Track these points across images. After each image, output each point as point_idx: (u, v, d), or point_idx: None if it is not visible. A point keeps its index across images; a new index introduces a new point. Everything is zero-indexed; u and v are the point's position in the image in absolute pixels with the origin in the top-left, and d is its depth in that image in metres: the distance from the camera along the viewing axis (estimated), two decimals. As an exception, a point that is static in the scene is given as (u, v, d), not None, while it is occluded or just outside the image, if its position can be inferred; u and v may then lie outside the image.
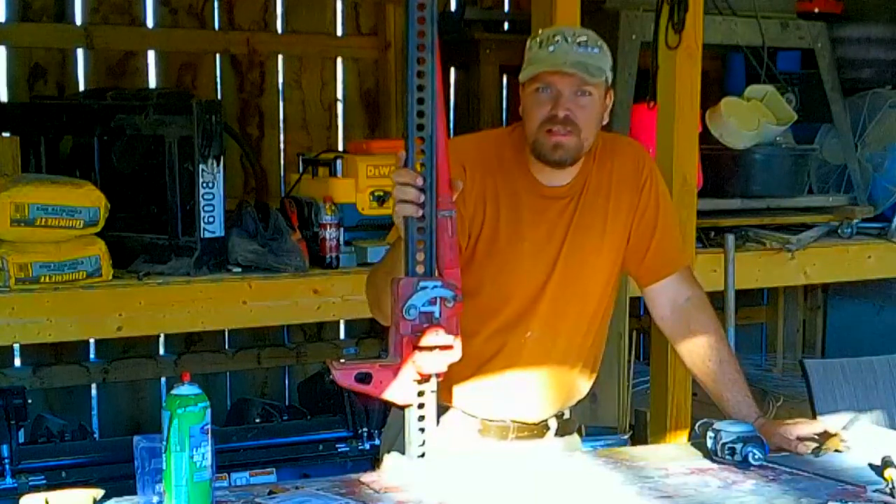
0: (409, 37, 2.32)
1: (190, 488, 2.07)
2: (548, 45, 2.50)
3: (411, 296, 2.29)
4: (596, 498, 2.31)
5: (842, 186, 5.27)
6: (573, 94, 2.48)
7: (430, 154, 2.29)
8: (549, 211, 2.59)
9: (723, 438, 2.47)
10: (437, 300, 2.30)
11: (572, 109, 2.48)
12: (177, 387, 2.09)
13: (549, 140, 2.49)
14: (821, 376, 3.59)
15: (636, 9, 4.60)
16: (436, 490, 2.29)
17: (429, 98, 2.31)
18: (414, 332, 2.30)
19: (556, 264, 2.59)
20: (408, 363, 2.30)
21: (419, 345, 2.30)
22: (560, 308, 2.61)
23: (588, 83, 2.48)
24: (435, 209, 2.30)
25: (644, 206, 2.67)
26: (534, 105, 2.51)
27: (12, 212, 3.73)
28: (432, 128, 2.30)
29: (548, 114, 2.49)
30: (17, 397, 3.79)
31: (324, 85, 5.69)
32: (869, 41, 5.41)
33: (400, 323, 2.30)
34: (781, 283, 5.49)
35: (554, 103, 2.48)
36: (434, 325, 2.30)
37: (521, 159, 2.58)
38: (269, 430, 4.28)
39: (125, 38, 5.22)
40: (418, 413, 2.34)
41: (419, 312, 2.29)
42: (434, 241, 2.31)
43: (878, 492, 2.30)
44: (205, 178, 3.99)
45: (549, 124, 2.48)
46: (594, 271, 2.65)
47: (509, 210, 2.57)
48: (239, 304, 4.01)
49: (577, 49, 2.49)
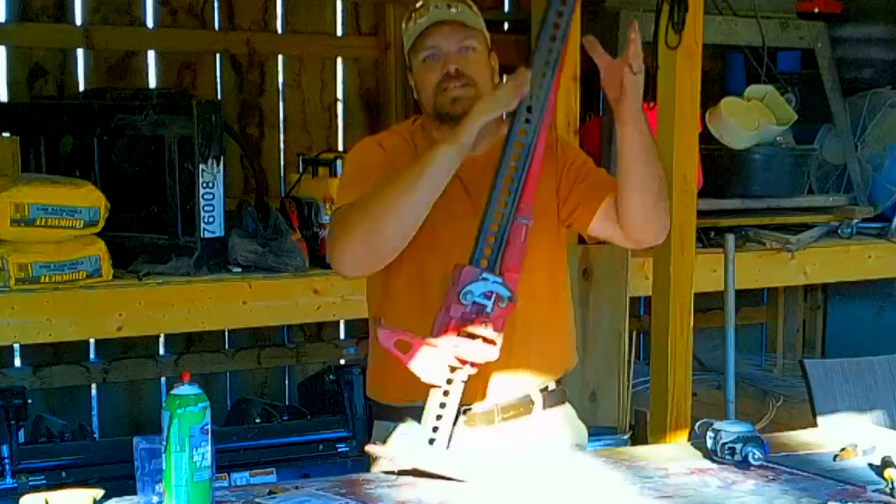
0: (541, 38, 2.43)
1: (190, 488, 2.07)
2: (419, 16, 2.57)
3: (471, 282, 2.32)
4: (596, 498, 2.31)
5: (842, 186, 5.27)
6: (457, 53, 2.54)
7: (525, 161, 2.37)
8: (472, 181, 2.54)
9: (723, 438, 2.47)
10: (493, 295, 2.32)
11: (461, 64, 2.53)
12: (177, 387, 2.09)
13: (447, 97, 2.54)
14: (821, 376, 3.60)
15: (636, 9, 4.60)
16: (436, 490, 2.29)
17: (538, 110, 2.40)
18: (463, 319, 2.33)
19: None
20: (449, 346, 2.32)
21: (465, 331, 2.32)
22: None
23: (468, 35, 2.56)
24: (515, 212, 2.36)
25: (563, 162, 2.64)
26: (425, 74, 2.57)
27: (12, 212, 3.73)
28: (533, 138, 2.38)
29: (439, 75, 2.54)
30: (17, 397, 3.79)
31: (324, 85, 5.69)
32: (869, 41, 5.42)
33: (452, 306, 2.33)
34: (781, 283, 5.49)
35: (442, 63, 2.54)
36: (484, 317, 2.33)
37: (429, 139, 2.58)
38: (269, 430, 4.28)
39: (125, 38, 5.22)
40: (441, 399, 2.35)
41: (473, 301, 2.32)
42: (504, 241, 2.36)
43: (878, 492, 2.30)
44: (205, 178, 3.99)
45: (444, 83, 2.53)
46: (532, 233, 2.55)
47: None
48: (239, 304, 4.01)
49: (450, 10, 2.56)
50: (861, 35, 5.39)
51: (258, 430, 4.27)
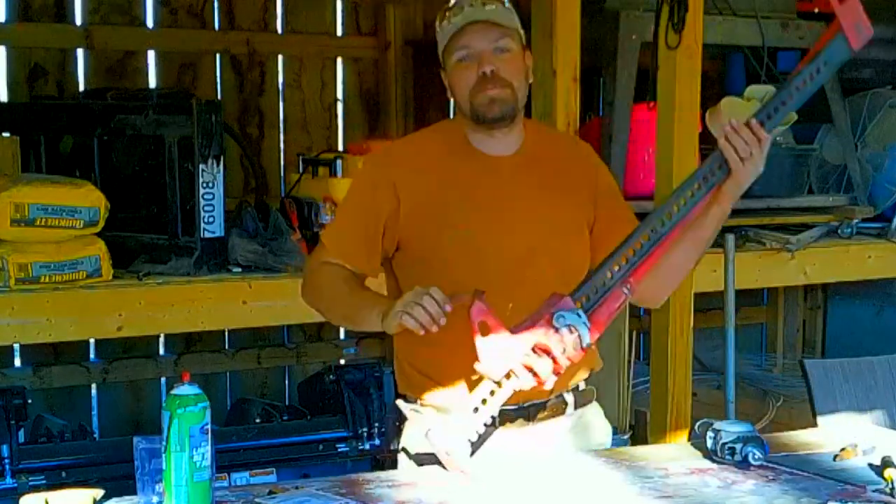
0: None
1: (190, 488, 2.07)
2: (452, 15, 2.54)
3: (566, 311, 2.33)
4: (596, 498, 2.31)
5: (842, 186, 5.27)
6: (492, 54, 2.52)
7: (653, 244, 2.41)
8: (498, 180, 2.58)
9: (723, 438, 2.47)
10: (576, 333, 2.32)
11: (496, 65, 2.51)
12: (177, 387, 2.09)
13: (484, 98, 2.52)
14: (821, 376, 3.60)
15: (636, 9, 4.60)
16: (436, 490, 2.29)
17: (681, 210, 2.44)
18: (545, 335, 2.33)
19: (522, 231, 2.57)
20: (524, 349, 2.32)
21: (542, 346, 2.31)
22: (537, 274, 2.56)
23: (503, 34, 2.53)
24: (624, 280, 2.39)
25: (605, 185, 2.70)
26: (460, 75, 2.55)
27: (12, 212, 3.73)
28: (669, 230, 2.42)
29: (475, 76, 2.52)
30: (17, 397, 3.80)
31: (324, 85, 5.69)
32: (869, 41, 5.40)
33: (539, 322, 2.33)
34: (781, 283, 5.49)
35: (478, 64, 2.52)
36: (562, 343, 2.32)
37: (462, 139, 2.60)
38: (269, 430, 4.28)
39: (125, 38, 5.23)
40: (483, 395, 2.35)
41: (562, 326, 2.32)
42: (601, 298, 2.38)
43: (878, 492, 2.30)
44: (205, 178, 3.99)
45: (480, 85, 2.52)
46: (564, 232, 2.62)
47: (457, 184, 2.57)
48: (239, 304, 4.01)
49: (484, 8, 2.53)
50: (861, 35, 5.37)
51: (258, 430, 4.28)
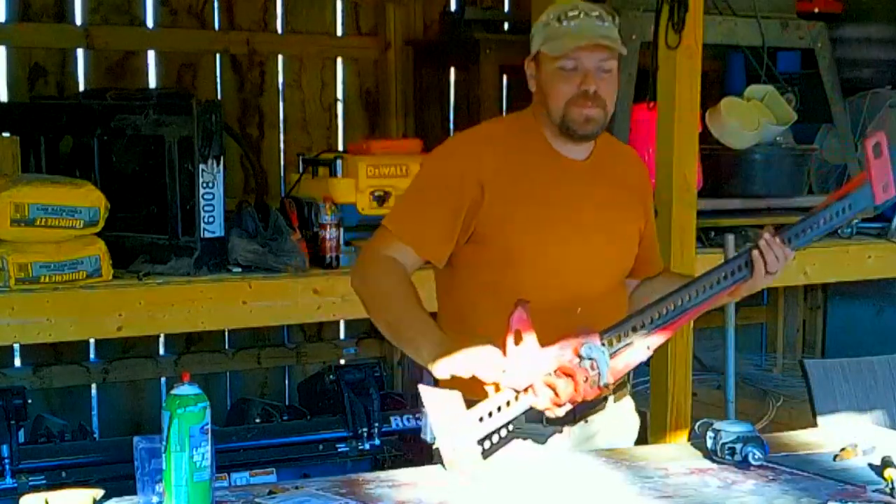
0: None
1: (190, 488, 2.07)
2: (567, 19, 2.53)
3: (594, 345, 2.34)
4: (596, 498, 2.31)
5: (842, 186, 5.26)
6: (597, 70, 2.53)
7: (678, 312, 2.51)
8: (575, 183, 2.63)
9: (723, 438, 2.47)
10: (596, 370, 2.34)
11: (598, 85, 2.52)
12: (177, 387, 2.09)
13: (580, 114, 2.54)
14: (821, 376, 3.60)
15: (636, 9, 4.59)
16: (436, 490, 2.29)
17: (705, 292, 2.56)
18: (570, 362, 2.33)
19: (588, 237, 2.62)
20: (549, 366, 2.32)
21: (568, 368, 2.32)
22: (598, 282, 2.63)
23: (610, 56, 2.54)
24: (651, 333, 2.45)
25: (649, 207, 2.81)
26: (559, 81, 2.54)
27: (12, 212, 3.73)
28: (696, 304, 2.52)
29: (577, 90, 2.52)
30: (17, 397, 3.80)
31: (324, 85, 5.69)
32: (869, 41, 5.41)
33: (568, 350, 2.33)
34: (781, 283, 5.49)
35: (582, 79, 2.52)
36: (585, 373, 2.33)
37: (540, 137, 2.62)
38: (269, 430, 4.29)
39: (125, 38, 5.23)
40: (492, 407, 2.33)
41: (585, 356, 2.33)
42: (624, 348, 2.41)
43: (878, 492, 2.30)
44: (205, 178, 3.99)
45: (581, 100, 2.52)
46: (623, 247, 2.71)
47: (538, 183, 2.60)
48: (239, 304, 4.01)
49: (596, 23, 2.53)
50: (861, 35, 5.38)
51: (258, 430, 4.28)
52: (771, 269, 2.57)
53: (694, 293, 2.52)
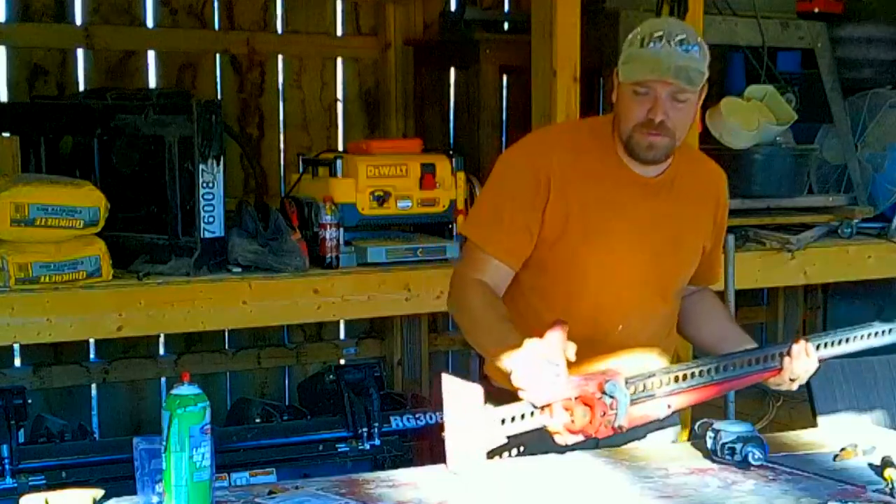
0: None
1: (190, 488, 2.07)
2: (649, 43, 2.51)
3: (618, 386, 2.34)
4: (596, 498, 2.31)
5: (842, 186, 5.27)
6: (670, 99, 2.51)
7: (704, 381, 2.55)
8: (641, 199, 2.63)
9: (723, 438, 2.47)
10: (615, 408, 2.33)
11: (669, 114, 2.51)
12: (177, 387, 2.10)
13: (644, 140, 2.54)
14: (821, 376, 3.58)
15: (636, 9, 4.59)
16: (436, 490, 2.29)
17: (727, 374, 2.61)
18: (592, 394, 2.33)
19: (650, 253, 2.64)
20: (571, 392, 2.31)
21: (589, 399, 2.31)
22: (650, 303, 2.66)
23: (687, 91, 2.51)
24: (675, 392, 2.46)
25: (720, 222, 2.82)
26: (630, 104, 2.54)
27: (12, 212, 3.73)
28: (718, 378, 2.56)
29: (644, 117, 2.52)
30: (17, 397, 3.80)
31: (324, 85, 5.69)
32: (869, 41, 5.41)
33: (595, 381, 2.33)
34: (781, 283, 5.49)
35: (652, 106, 2.51)
36: (602, 406, 2.32)
37: (612, 146, 2.63)
38: (269, 430, 4.28)
39: (125, 38, 5.22)
40: (513, 413, 2.33)
41: (606, 392, 2.32)
42: (645, 398, 2.41)
43: (878, 492, 2.30)
44: (205, 178, 3.99)
45: (647, 127, 2.52)
46: (683, 265, 2.72)
47: (603, 192, 2.62)
48: (239, 304, 4.01)
49: (679, 50, 2.50)
50: (861, 35, 5.38)
51: (258, 430, 4.27)
52: (797, 376, 2.64)
53: (723, 367, 2.54)
